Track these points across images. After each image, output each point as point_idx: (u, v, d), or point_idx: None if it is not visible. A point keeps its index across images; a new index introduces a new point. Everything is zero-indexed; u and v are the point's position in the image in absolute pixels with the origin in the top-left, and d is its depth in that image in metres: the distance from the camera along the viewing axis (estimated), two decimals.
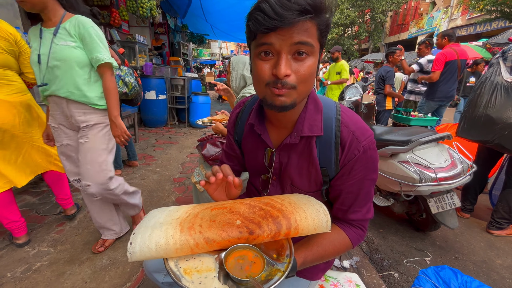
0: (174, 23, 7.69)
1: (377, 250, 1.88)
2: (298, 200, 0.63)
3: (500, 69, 1.89)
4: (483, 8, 10.10)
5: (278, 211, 0.58)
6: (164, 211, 0.61)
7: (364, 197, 0.68)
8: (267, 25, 0.51)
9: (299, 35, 0.52)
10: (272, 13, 0.49)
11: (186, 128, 5.39)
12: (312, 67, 0.56)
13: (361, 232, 0.71)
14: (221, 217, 0.57)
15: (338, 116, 0.67)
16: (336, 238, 0.69)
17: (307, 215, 0.58)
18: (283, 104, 0.57)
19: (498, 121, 1.82)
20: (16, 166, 1.61)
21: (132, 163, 3.08)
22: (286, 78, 0.54)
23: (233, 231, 0.54)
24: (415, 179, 1.71)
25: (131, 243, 0.52)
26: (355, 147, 0.64)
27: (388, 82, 3.61)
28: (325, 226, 0.58)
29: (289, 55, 0.54)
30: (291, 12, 0.49)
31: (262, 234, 0.54)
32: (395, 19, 21.34)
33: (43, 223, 1.92)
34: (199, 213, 0.59)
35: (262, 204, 0.61)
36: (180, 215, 0.58)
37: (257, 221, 0.56)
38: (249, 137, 0.79)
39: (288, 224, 0.56)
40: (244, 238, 0.54)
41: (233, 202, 0.63)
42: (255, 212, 0.59)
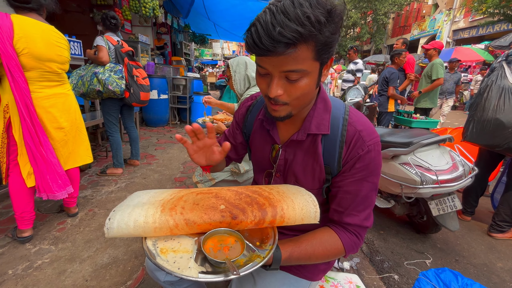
0: (176, 23, 7.71)
1: (377, 252, 1.87)
2: (287, 189, 0.63)
3: (505, 72, 1.88)
4: (486, 10, 10.06)
5: (265, 198, 0.58)
6: (149, 193, 0.61)
7: (363, 201, 0.67)
8: (256, 53, 0.52)
9: (288, 65, 0.52)
10: (258, 43, 0.50)
11: None
12: (305, 87, 0.56)
13: (356, 240, 0.68)
14: (205, 201, 0.57)
15: (346, 116, 0.68)
16: (327, 240, 0.67)
17: (295, 204, 0.57)
18: (278, 116, 0.62)
19: (508, 125, 1.79)
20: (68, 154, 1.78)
21: (133, 162, 3.09)
22: (278, 97, 0.57)
23: (215, 214, 0.54)
24: (416, 181, 1.71)
25: (109, 218, 0.52)
26: (359, 146, 0.64)
27: (392, 84, 3.60)
28: (313, 216, 0.57)
29: (281, 78, 0.55)
30: (275, 44, 0.48)
31: (245, 219, 0.54)
32: (397, 21, 21.31)
33: (44, 221, 1.93)
34: (184, 196, 0.59)
35: (250, 191, 0.61)
36: (164, 197, 0.58)
37: (242, 207, 0.56)
38: (257, 132, 0.80)
39: (273, 212, 0.55)
40: (226, 222, 0.53)
41: (220, 188, 0.63)
42: (241, 198, 0.58)
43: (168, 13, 6.70)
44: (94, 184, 2.57)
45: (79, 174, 1.98)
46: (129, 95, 2.52)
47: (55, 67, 1.59)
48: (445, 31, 15.55)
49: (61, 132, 1.69)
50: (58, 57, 1.60)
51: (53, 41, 1.58)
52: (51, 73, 1.60)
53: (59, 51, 1.60)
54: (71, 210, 1.97)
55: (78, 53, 3.00)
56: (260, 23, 0.49)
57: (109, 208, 2.15)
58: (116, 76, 2.34)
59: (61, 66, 1.64)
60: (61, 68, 1.65)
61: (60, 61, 1.62)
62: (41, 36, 1.50)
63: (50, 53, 1.55)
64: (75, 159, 1.86)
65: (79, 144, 1.88)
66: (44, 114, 1.59)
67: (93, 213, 2.08)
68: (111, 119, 2.63)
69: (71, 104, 1.75)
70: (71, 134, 1.77)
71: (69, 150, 1.79)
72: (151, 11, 4.80)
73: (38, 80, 1.54)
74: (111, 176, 2.77)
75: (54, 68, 1.59)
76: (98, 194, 2.38)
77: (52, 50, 1.56)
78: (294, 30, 0.47)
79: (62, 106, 1.68)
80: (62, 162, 1.74)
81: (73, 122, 1.78)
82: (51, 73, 1.60)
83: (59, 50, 1.60)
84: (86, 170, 2.87)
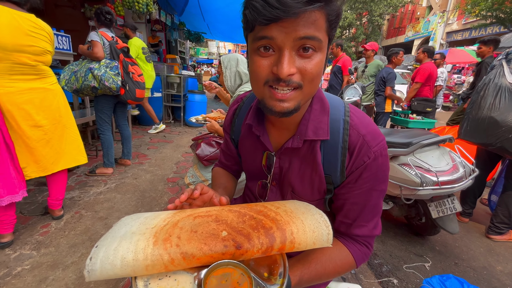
0: (170, 21, 7.58)
1: (375, 255, 1.82)
2: (295, 208, 0.55)
3: (503, 71, 1.85)
4: (479, 13, 10.20)
5: (272, 221, 0.50)
6: (139, 218, 0.52)
7: (371, 210, 0.61)
8: (268, 15, 0.42)
9: (306, 28, 0.44)
10: (273, 1, 0.41)
11: (181, 126, 5.29)
12: (320, 64, 0.48)
13: (366, 250, 0.63)
14: (204, 228, 0.48)
15: (347, 117, 0.59)
16: (337, 255, 0.61)
17: (305, 226, 0.50)
18: (285, 110, 0.50)
19: (502, 124, 1.77)
20: (55, 154, 1.67)
21: (125, 161, 2.98)
22: (291, 77, 0.47)
23: (217, 244, 0.45)
24: (416, 183, 1.66)
25: (91, 258, 0.43)
26: (364, 153, 0.56)
27: (389, 84, 3.56)
28: (326, 239, 0.50)
29: (293, 51, 0.46)
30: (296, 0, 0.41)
31: (251, 248, 0.46)
32: (392, 22, 21.49)
33: (27, 224, 1.82)
34: (179, 222, 0.50)
35: (254, 212, 0.53)
36: (156, 223, 0.50)
37: (247, 232, 0.48)
38: (246, 138, 0.71)
39: (283, 237, 0.48)
40: (229, 253, 0.45)
41: (221, 209, 0.55)
42: (245, 221, 0.50)
43: (162, 10, 6.57)
44: (82, 185, 2.46)
45: (67, 174, 1.87)
46: (125, 92, 2.44)
47: (26, 58, 1.45)
48: (439, 33, 15.73)
49: (38, 130, 1.56)
50: (29, 48, 1.45)
51: (27, 30, 1.43)
52: (23, 66, 1.46)
53: (31, 41, 1.45)
54: (56, 213, 1.87)
55: (66, 48, 2.89)
56: None
57: (96, 210, 2.05)
58: (112, 72, 2.27)
59: (35, 57, 1.49)
60: (37, 60, 1.51)
61: (32, 52, 1.47)
62: (9, 24, 1.36)
63: (19, 43, 1.40)
64: (66, 160, 1.75)
65: (69, 143, 1.77)
66: (16, 111, 1.45)
67: (79, 215, 1.97)
68: (103, 116, 2.53)
69: (53, 99, 1.63)
70: (55, 133, 1.66)
71: (55, 150, 1.68)
72: (145, 7, 4.68)
73: (7, 73, 1.41)
74: (101, 176, 2.66)
75: (24, 60, 1.44)
76: (86, 195, 2.28)
77: (22, 40, 1.41)
78: None
79: (40, 102, 1.55)
80: (48, 163, 1.63)
81: (56, 120, 1.66)
82: (23, 66, 1.46)
83: (31, 40, 1.45)
84: (74, 170, 2.76)
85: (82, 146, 1.88)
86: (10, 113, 1.43)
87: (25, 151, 1.53)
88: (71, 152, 1.78)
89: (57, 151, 1.67)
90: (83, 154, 1.88)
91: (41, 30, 1.51)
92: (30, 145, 1.53)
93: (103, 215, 1.99)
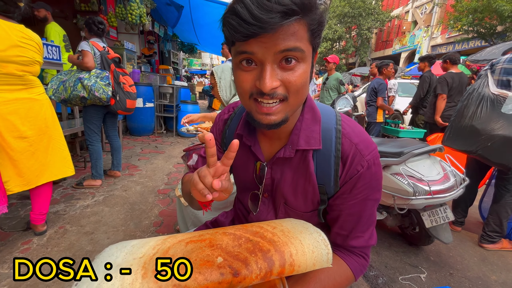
0: (164, 32, 7.65)
1: (371, 267, 1.79)
2: (292, 227, 0.53)
3: (488, 81, 1.91)
4: (461, 28, 10.73)
5: (269, 242, 0.48)
6: (125, 247, 0.48)
7: (367, 220, 0.60)
8: (245, 32, 0.42)
9: (286, 41, 0.43)
10: (249, 17, 0.40)
11: (173, 137, 5.24)
12: (304, 75, 0.48)
13: (363, 262, 0.63)
14: (198, 254, 0.45)
15: (339, 126, 0.59)
16: (336, 271, 0.59)
17: (304, 247, 0.48)
18: (272, 122, 0.50)
19: (482, 132, 1.82)
20: (40, 166, 1.63)
21: (114, 173, 2.90)
22: (275, 89, 0.47)
23: (212, 273, 0.42)
24: (408, 192, 1.67)
25: None
26: (358, 162, 0.56)
27: (381, 95, 3.65)
28: (326, 259, 0.49)
29: (275, 64, 0.46)
30: (272, 14, 0.40)
31: (249, 275, 0.43)
32: (380, 35, 22.33)
33: (6, 240, 1.72)
34: (170, 249, 0.46)
35: (250, 234, 0.50)
36: (145, 252, 0.46)
37: (244, 257, 0.45)
38: (238, 149, 0.69)
39: (281, 260, 0.46)
40: (226, 281, 0.43)
41: (215, 232, 0.52)
42: (241, 245, 0.47)
43: (155, 22, 6.64)
44: (68, 198, 2.36)
45: (52, 187, 1.80)
46: (115, 102, 2.41)
47: (13, 69, 1.42)
48: (425, 46, 16.40)
49: (23, 142, 1.51)
50: (17, 58, 1.43)
51: (15, 40, 1.42)
52: (9, 76, 1.43)
53: (20, 51, 1.44)
54: (38, 228, 1.77)
55: (56, 58, 2.85)
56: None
57: (82, 225, 1.96)
58: (102, 82, 2.24)
59: (23, 68, 1.48)
60: (24, 70, 1.48)
61: (20, 63, 1.45)
62: None
63: (6, 53, 1.39)
64: (51, 172, 1.69)
65: (54, 154, 1.71)
66: (1, 121, 1.41)
67: (63, 230, 1.88)
68: (92, 127, 2.47)
69: (39, 110, 1.59)
70: (40, 144, 1.60)
71: (40, 162, 1.62)
72: (138, 19, 4.72)
73: None
74: (89, 188, 2.57)
75: (11, 70, 1.42)
76: (71, 208, 2.18)
77: (10, 50, 1.40)
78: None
79: (26, 112, 1.51)
80: (33, 176, 1.57)
81: (42, 130, 1.61)
82: (9, 76, 1.43)
83: (20, 50, 1.44)
84: (60, 182, 2.66)
85: (69, 158, 1.82)
86: None
87: (8, 164, 1.46)
88: (57, 163, 1.71)
89: (42, 163, 1.61)
90: (69, 166, 1.81)
91: (30, 40, 1.50)
92: (14, 157, 1.47)
93: (89, 230, 1.90)
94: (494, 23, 9.82)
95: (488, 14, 9.54)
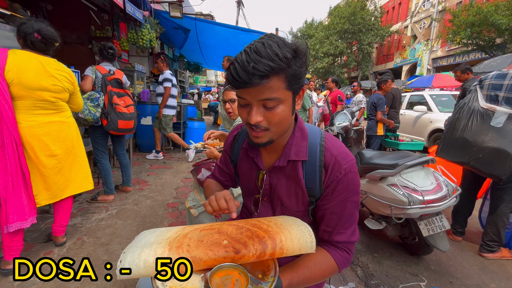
0: (172, 53, 8.07)
1: (372, 276, 1.86)
2: (284, 221, 0.67)
3: (477, 95, 2.04)
4: (460, 41, 10.94)
5: (264, 231, 0.62)
6: (155, 232, 0.64)
7: (348, 219, 0.73)
8: (237, 85, 0.61)
9: (264, 94, 0.60)
10: (237, 77, 0.59)
11: (180, 153, 5.42)
12: (282, 113, 0.64)
13: (347, 255, 0.74)
14: (209, 238, 0.60)
15: (322, 142, 0.75)
16: (322, 260, 0.71)
17: (292, 235, 0.61)
18: (259, 142, 0.68)
19: (473, 144, 1.92)
20: (65, 181, 1.79)
21: (125, 188, 3.06)
22: (259, 123, 0.64)
23: (219, 250, 0.56)
24: (404, 202, 1.77)
25: (120, 261, 0.54)
26: (337, 170, 0.70)
27: (380, 109, 3.80)
28: (310, 246, 0.61)
29: (260, 105, 0.63)
30: (251, 77, 0.57)
31: (247, 253, 0.57)
32: (380, 50, 22.78)
33: (30, 251, 1.86)
34: (188, 234, 0.61)
35: (250, 225, 0.65)
36: (170, 236, 0.61)
37: (244, 241, 0.59)
38: (244, 160, 0.86)
39: (273, 244, 0.58)
40: (230, 257, 0.56)
41: (222, 223, 0.66)
42: (242, 233, 0.62)
43: (164, 44, 7.04)
44: (84, 212, 2.52)
45: (72, 201, 1.96)
46: (107, 123, 2.48)
47: (47, 96, 1.63)
48: (425, 59, 16.65)
49: (53, 159, 1.70)
50: (51, 87, 1.65)
51: (51, 71, 1.64)
52: (44, 102, 1.63)
53: (53, 81, 1.65)
54: (59, 239, 1.92)
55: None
56: (237, 62, 0.59)
57: (98, 236, 2.10)
58: (91, 104, 2.36)
59: (55, 95, 1.68)
60: (56, 97, 1.69)
61: (53, 90, 1.66)
62: (35, 67, 1.57)
63: (42, 83, 1.59)
64: (74, 186, 1.86)
65: (78, 171, 1.89)
66: (36, 142, 1.60)
67: (81, 241, 2.02)
68: (98, 146, 2.63)
69: (68, 131, 1.79)
70: (67, 161, 1.79)
71: (66, 178, 1.79)
72: (148, 43, 5.05)
73: (30, 108, 1.58)
74: (102, 203, 2.72)
75: (46, 97, 1.62)
76: (88, 221, 2.33)
77: (45, 80, 1.61)
78: (265, 64, 0.57)
79: (57, 133, 1.71)
80: (58, 190, 1.74)
81: (69, 149, 1.80)
82: (44, 102, 1.63)
83: (53, 80, 1.65)
84: (76, 197, 2.82)
85: (89, 173, 1.99)
86: (30, 144, 1.58)
87: (38, 179, 1.64)
88: (79, 178, 1.89)
89: (67, 179, 1.78)
90: (90, 181, 1.98)
91: (62, 71, 1.73)
92: (44, 173, 1.65)
93: (105, 241, 2.04)
94: (493, 36, 10.02)
95: (485, 28, 9.76)
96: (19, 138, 1.53)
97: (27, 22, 1.58)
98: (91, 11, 5.04)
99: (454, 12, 11.03)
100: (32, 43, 1.58)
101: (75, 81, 1.83)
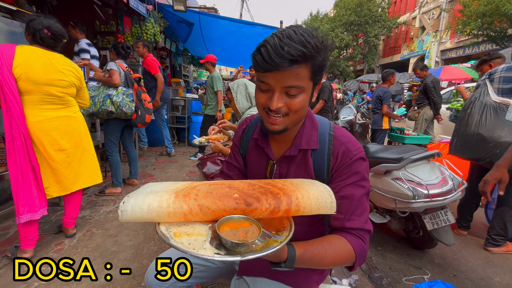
0: (175, 47, 8.05)
1: (375, 268, 1.88)
2: (301, 181, 0.63)
3: (487, 90, 1.99)
4: (470, 32, 10.65)
5: (279, 189, 0.58)
6: (162, 183, 0.62)
7: (358, 205, 0.70)
8: (264, 68, 0.62)
9: (289, 80, 0.62)
10: (268, 59, 0.59)
11: (185, 147, 5.47)
12: (303, 102, 0.66)
13: (362, 243, 0.69)
14: (219, 191, 0.56)
15: (331, 132, 0.77)
16: (337, 242, 0.68)
17: (310, 194, 0.56)
18: (275, 130, 0.69)
19: (490, 140, 1.88)
20: (74, 175, 1.83)
21: (132, 181, 3.11)
22: (279, 108, 0.65)
23: (229, 201, 0.53)
24: (408, 196, 1.76)
25: (123, 202, 0.52)
26: (347, 156, 0.72)
27: (386, 103, 3.76)
28: (330, 207, 0.56)
29: (282, 92, 0.64)
30: (283, 60, 0.58)
31: (260, 207, 0.53)
32: (387, 42, 22.30)
33: (42, 242, 1.93)
34: (197, 186, 0.58)
35: (263, 183, 0.61)
36: (177, 187, 0.58)
37: (256, 196, 0.55)
38: (253, 150, 0.88)
39: (288, 201, 0.54)
40: (240, 209, 0.52)
41: (233, 181, 0.64)
42: (255, 189, 0.58)
43: (167, 38, 7.02)
44: (92, 204, 2.58)
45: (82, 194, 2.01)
46: (136, 117, 2.69)
47: (54, 91, 1.66)
48: (434, 51, 16.27)
49: (62, 153, 1.73)
50: (58, 82, 1.67)
51: (57, 67, 1.66)
52: (52, 97, 1.66)
53: (60, 76, 1.67)
54: (69, 231, 1.98)
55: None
56: (269, 44, 0.60)
57: (107, 228, 2.16)
58: (128, 99, 2.53)
59: (62, 90, 1.71)
60: (63, 92, 1.71)
61: (61, 85, 1.69)
62: (42, 62, 1.60)
63: (50, 78, 1.62)
64: (84, 180, 1.91)
65: (87, 165, 1.93)
66: (44, 137, 1.64)
67: (91, 233, 2.08)
68: (112, 139, 2.71)
69: (75, 125, 1.82)
70: (75, 156, 1.82)
71: (75, 171, 1.83)
72: (152, 37, 5.05)
73: (39, 103, 1.61)
74: (110, 196, 2.78)
75: (53, 92, 1.65)
76: (96, 214, 2.39)
77: (53, 75, 1.63)
78: (299, 49, 0.59)
79: (65, 128, 1.74)
80: (69, 183, 1.79)
81: (77, 144, 1.83)
82: (52, 97, 1.66)
83: (60, 75, 1.67)
84: (84, 190, 2.88)
85: (98, 167, 2.03)
86: (39, 139, 1.61)
87: (49, 172, 1.68)
88: (88, 172, 1.92)
89: (76, 172, 1.82)
90: (98, 175, 2.02)
91: (69, 66, 1.75)
92: (54, 166, 1.69)
93: (113, 233, 2.09)
94: (504, 26, 9.72)
95: (497, 18, 9.46)
96: (27, 132, 1.56)
97: (36, 18, 1.60)
98: (95, 6, 5.04)
99: (464, 2, 10.68)
100: (41, 39, 1.61)
101: (82, 76, 1.85)
